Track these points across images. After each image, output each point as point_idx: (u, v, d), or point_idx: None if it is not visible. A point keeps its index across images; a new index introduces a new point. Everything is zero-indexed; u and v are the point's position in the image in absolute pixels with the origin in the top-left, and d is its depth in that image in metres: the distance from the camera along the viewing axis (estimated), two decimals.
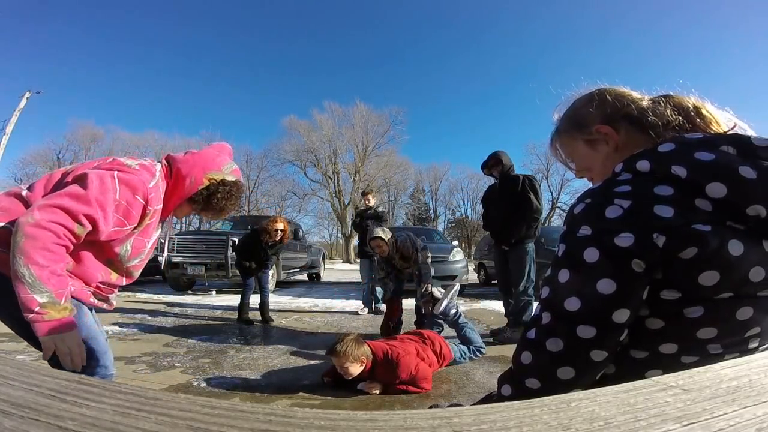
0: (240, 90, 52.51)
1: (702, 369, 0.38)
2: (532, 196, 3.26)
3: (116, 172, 1.02)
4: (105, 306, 1.19)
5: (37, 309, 0.86)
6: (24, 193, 1.02)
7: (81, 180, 0.97)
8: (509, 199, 3.31)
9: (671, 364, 0.54)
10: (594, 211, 0.55)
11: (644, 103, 0.67)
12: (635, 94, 0.69)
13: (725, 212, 0.50)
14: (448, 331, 3.19)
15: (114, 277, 1.16)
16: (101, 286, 1.13)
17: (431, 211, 38.38)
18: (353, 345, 1.97)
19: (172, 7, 47.58)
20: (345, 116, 32.61)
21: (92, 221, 0.95)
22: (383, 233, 3.33)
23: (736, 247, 0.49)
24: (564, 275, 0.56)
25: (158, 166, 1.16)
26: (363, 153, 31.72)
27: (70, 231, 0.92)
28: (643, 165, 0.56)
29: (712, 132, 0.63)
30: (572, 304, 0.54)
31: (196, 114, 50.99)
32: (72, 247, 0.96)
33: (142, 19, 45.82)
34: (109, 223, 0.99)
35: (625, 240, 0.51)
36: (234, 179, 1.24)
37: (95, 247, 1.06)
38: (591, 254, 0.53)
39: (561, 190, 32.21)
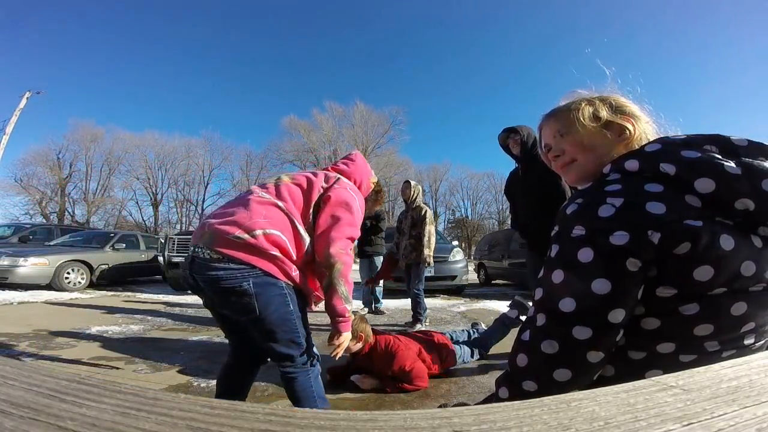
0: (240, 89, 52.52)
1: (702, 369, 0.38)
2: (566, 185, 2.26)
3: (356, 196, 1.29)
4: (314, 307, 1.42)
5: (347, 315, 1.23)
6: (281, 204, 1.20)
7: (346, 208, 1.23)
8: (536, 187, 2.38)
9: (670, 364, 0.54)
10: (587, 211, 0.55)
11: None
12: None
13: (714, 208, 0.51)
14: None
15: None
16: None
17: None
18: (357, 321, 2.05)
19: (172, 6, 47.62)
20: (345, 116, 32.60)
21: (354, 240, 1.27)
22: (413, 182, 3.90)
23: (727, 242, 0.50)
24: (558, 276, 0.55)
25: None
26: (363, 153, 31.19)
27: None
28: (632, 164, 0.57)
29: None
30: (567, 305, 0.54)
31: (196, 114, 51.02)
32: None
33: (142, 19, 45.88)
34: None
35: (620, 238, 0.51)
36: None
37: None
38: (585, 254, 0.53)
39: None
